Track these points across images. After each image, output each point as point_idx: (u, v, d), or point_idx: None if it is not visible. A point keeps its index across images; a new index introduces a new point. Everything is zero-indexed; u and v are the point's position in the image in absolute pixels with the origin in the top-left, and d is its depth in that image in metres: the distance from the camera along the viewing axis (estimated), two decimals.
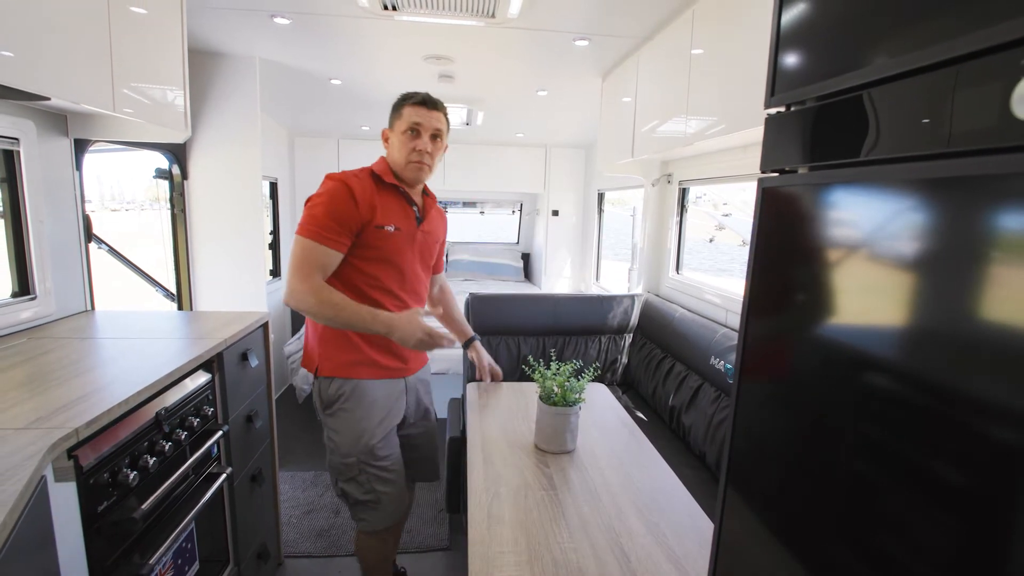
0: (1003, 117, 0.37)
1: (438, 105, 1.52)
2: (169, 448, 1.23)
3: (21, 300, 1.57)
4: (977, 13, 0.40)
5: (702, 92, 1.86)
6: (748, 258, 0.67)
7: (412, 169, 1.51)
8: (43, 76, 1.27)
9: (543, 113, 3.64)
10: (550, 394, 1.36)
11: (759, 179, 0.65)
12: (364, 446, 1.49)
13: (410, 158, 1.49)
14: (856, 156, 0.53)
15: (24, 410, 1.02)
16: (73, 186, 1.79)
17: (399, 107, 1.51)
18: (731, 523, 0.72)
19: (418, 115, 1.48)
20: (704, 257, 4.06)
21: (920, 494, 0.45)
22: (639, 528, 1.09)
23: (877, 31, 0.52)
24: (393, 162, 1.54)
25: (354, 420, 1.49)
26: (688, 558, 1.00)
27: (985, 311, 0.40)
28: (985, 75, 0.39)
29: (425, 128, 1.48)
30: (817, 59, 0.59)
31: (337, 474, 1.54)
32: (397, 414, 1.59)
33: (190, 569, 1.37)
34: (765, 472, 0.68)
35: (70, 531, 0.95)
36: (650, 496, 1.20)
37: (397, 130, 1.50)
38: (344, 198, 1.42)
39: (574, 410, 1.37)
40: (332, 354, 1.50)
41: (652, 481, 1.26)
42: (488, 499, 1.17)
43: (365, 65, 2.69)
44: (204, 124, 2.51)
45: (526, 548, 1.02)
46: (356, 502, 1.54)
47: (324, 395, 1.52)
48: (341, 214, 1.41)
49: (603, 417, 1.59)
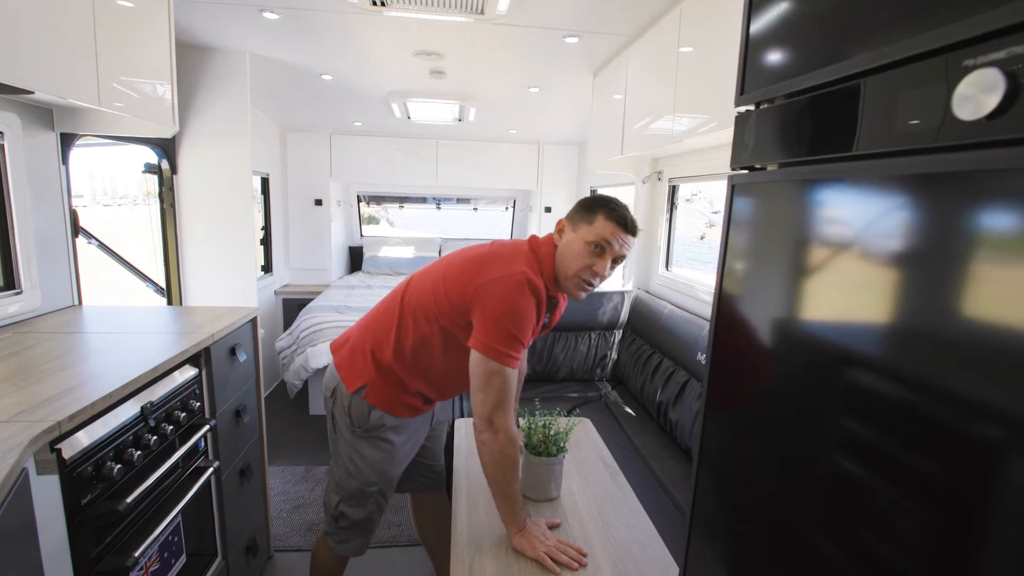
0: (948, 117, 0.38)
1: (635, 230, 1.30)
2: (155, 442, 1.24)
3: (6, 294, 1.56)
4: (925, 17, 0.42)
5: (690, 90, 1.88)
6: (719, 255, 0.68)
7: (576, 287, 1.30)
8: (26, 69, 1.26)
9: (535, 110, 3.65)
10: (536, 445, 1.38)
11: (729, 176, 0.66)
12: (390, 478, 1.45)
13: (582, 275, 1.28)
14: (823, 153, 0.54)
15: (7, 403, 1.02)
16: (59, 180, 1.79)
17: (594, 210, 1.29)
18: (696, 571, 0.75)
19: (613, 235, 1.26)
20: (697, 253, 4.12)
21: (898, 524, 0.46)
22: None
23: (841, 32, 0.53)
24: (560, 267, 1.31)
25: (390, 453, 1.43)
26: None
27: (953, 306, 0.41)
28: (930, 76, 0.40)
29: (613, 252, 1.27)
30: (784, 58, 0.60)
31: (344, 494, 1.44)
32: (420, 443, 1.56)
33: (177, 562, 1.37)
34: (730, 518, 0.70)
35: (53, 523, 0.95)
36: (625, 548, 1.21)
37: (581, 236, 1.28)
38: (533, 318, 1.24)
39: (559, 459, 1.38)
40: (384, 388, 1.39)
41: (628, 530, 1.28)
42: (471, 555, 1.18)
43: (356, 60, 2.69)
44: (193, 119, 2.50)
45: None
46: (352, 524, 1.45)
47: (363, 418, 1.40)
48: (529, 332, 1.24)
49: (587, 459, 1.60)
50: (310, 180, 4.45)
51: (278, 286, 4.30)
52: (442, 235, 5.69)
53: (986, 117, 0.35)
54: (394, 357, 1.36)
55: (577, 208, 1.33)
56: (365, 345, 1.41)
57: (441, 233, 5.87)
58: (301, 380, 3.06)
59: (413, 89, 3.18)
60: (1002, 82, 0.33)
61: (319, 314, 3.38)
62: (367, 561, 2.12)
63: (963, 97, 0.36)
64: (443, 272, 1.34)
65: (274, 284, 4.22)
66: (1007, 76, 0.33)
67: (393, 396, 1.39)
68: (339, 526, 1.46)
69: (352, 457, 1.42)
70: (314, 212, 4.50)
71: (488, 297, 1.22)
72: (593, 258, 1.27)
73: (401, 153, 4.62)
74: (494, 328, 1.20)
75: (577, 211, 1.32)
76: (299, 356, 3.09)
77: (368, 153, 4.56)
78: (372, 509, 1.46)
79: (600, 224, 1.26)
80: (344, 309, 3.56)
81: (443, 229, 6.14)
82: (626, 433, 2.27)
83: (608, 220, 1.26)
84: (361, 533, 1.48)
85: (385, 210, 6.79)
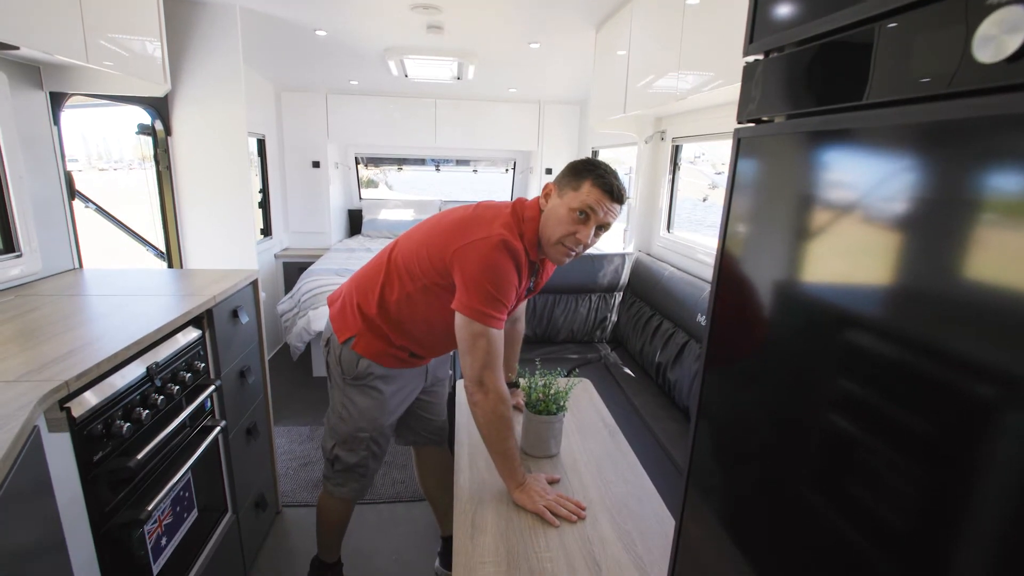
0: (965, 60, 0.36)
1: (622, 198, 1.29)
2: (162, 402, 1.26)
3: (7, 257, 1.56)
4: None
5: (696, 45, 1.82)
6: (722, 211, 0.67)
7: (559, 253, 1.31)
8: (10, 24, 1.22)
9: (536, 67, 3.55)
10: (535, 403, 1.39)
11: (735, 129, 0.65)
12: (379, 425, 1.50)
13: (565, 242, 1.28)
14: (833, 103, 0.52)
15: (14, 364, 1.03)
16: (52, 141, 1.76)
17: (581, 176, 1.27)
18: (691, 525, 0.76)
19: (599, 203, 1.25)
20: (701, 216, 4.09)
21: (886, 489, 0.47)
22: (610, 535, 1.13)
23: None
24: (544, 233, 1.31)
25: (379, 401, 1.48)
26: (654, 564, 1.05)
27: (961, 266, 0.40)
28: (950, 17, 0.39)
29: (598, 219, 1.27)
30: (796, 3, 0.58)
31: (338, 438, 1.52)
32: (414, 395, 1.60)
33: (189, 516, 1.42)
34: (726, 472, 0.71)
35: (67, 479, 0.98)
36: (623, 501, 1.24)
37: (566, 202, 1.26)
38: (514, 279, 1.25)
39: (558, 418, 1.40)
40: (371, 339, 1.44)
41: (626, 485, 1.30)
42: (472, 508, 1.21)
43: (350, 14, 2.60)
44: (185, 77, 2.44)
45: (506, 557, 1.06)
46: (346, 467, 1.53)
47: (351, 367, 1.46)
48: (511, 294, 1.25)
49: (586, 419, 1.62)
50: (307, 142, 4.37)
51: (278, 250, 4.28)
52: (441, 197, 5.63)
53: (1006, 60, 0.34)
54: (378, 311, 1.41)
55: (565, 172, 1.31)
56: (353, 299, 1.46)
57: (440, 195, 5.81)
58: (304, 343, 3.09)
59: (410, 45, 3.08)
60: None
61: (320, 277, 3.39)
62: (373, 516, 2.20)
63: (984, 38, 0.35)
64: (427, 233, 1.36)
65: (274, 248, 4.20)
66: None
67: (380, 347, 1.44)
68: (335, 470, 1.55)
69: (344, 403, 1.49)
70: (312, 174, 4.44)
71: (467, 260, 1.24)
72: (577, 225, 1.26)
73: (399, 113, 4.52)
74: (475, 290, 1.22)
75: (565, 176, 1.31)
76: (301, 319, 3.11)
77: (365, 113, 4.46)
78: (365, 455, 1.53)
79: (586, 191, 1.25)
80: (344, 272, 3.56)
81: (442, 191, 6.06)
82: (625, 393, 2.30)
83: (594, 187, 1.25)
84: (356, 478, 1.55)
85: (384, 173, 6.69)
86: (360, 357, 1.45)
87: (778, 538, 0.60)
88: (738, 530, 0.68)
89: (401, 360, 1.48)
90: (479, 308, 1.21)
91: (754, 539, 0.64)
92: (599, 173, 1.26)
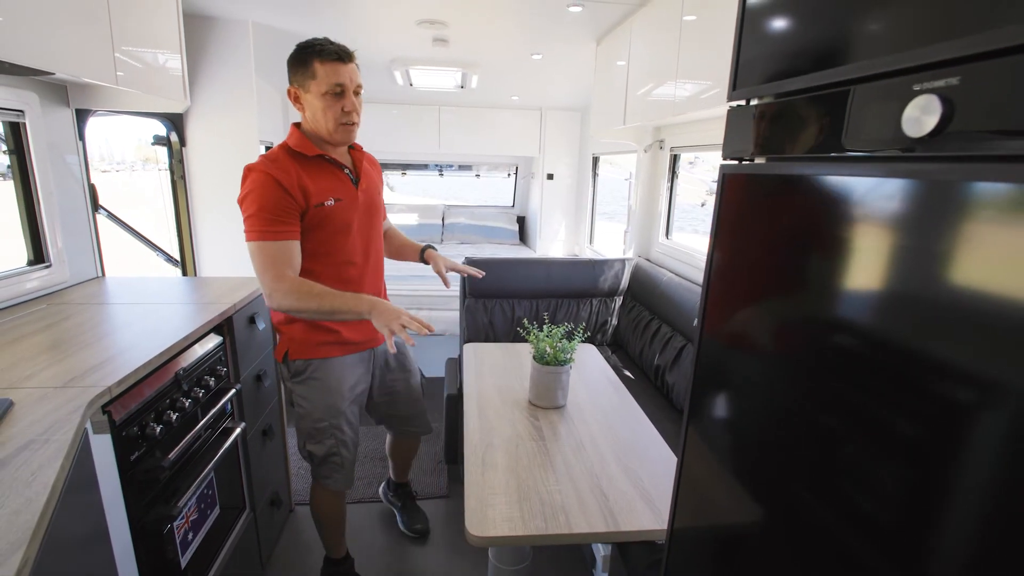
0: (896, 131, 0.45)
1: (353, 56, 1.38)
2: (188, 405, 1.34)
3: (37, 268, 1.65)
4: (895, 40, 0.48)
5: (693, 59, 1.90)
6: (709, 236, 0.75)
7: (343, 132, 1.40)
8: (44, 50, 1.30)
9: (538, 76, 3.63)
10: (543, 354, 1.47)
11: (720, 165, 0.73)
12: (335, 410, 1.59)
13: (340, 120, 1.37)
14: (803, 152, 0.60)
15: (58, 371, 1.11)
16: (77, 155, 1.84)
17: (307, 62, 1.35)
18: (691, 458, 0.84)
19: (337, 74, 1.33)
20: (696, 219, 4.19)
21: (864, 442, 0.55)
22: (618, 473, 1.21)
23: (823, 44, 0.59)
24: (316, 127, 1.40)
25: (325, 387, 1.56)
26: (660, 498, 1.13)
27: (901, 291, 0.49)
28: (890, 93, 0.47)
29: (348, 86, 1.36)
30: (774, 60, 0.66)
31: (305, 437, 1.61)
32: (365, 380, 1.68)
33: (212, 513, 1.50)
34: (722, 413, 0.79)
35: (109, 477, 1.06)
36: (630, 446, 1.32)
37: (314, 91, 1.36)
38: (273, 189, 1.34)
39: (565, 369, 1.47)
40: (301, 337, 1.53)
41: (632, 433, 1.38)
42: (482, 448, 1.29)
43: (358, 30, 2.68)
44: (200, 91, 2.52)
45: (516, 490, 1.14)
46: (321, 461, 1.62)
47: (292, 368, 1.57)
48: (276, 206, 1.35)
49: (592, 376, 1.70)
50: None
51: None
52: (445, 201, 5.72)
53: (928, 135, 0.42)
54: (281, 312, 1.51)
55: (291, 67, 1.40)
56: (274, 321, 1.62)
57: (444, 199, 5.89)
58: None
59: (416, 57, 3.17)
60: (939, 107, 0.40)
61: None
62: (362, 515, 2.27)
63: (910, 117, 0.43)
64: None
65: None
66: (943, 102, 0.40)
67: (306, 339, 1.53)
68: (314, 465, 1.65)
69: (298, 402, 1.60)
70: None
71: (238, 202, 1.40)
72: (339, 101, 1.35)
73: (403, 120, 4.60)
74: (244, 219, 1.37)
75: (293, 71, 1.39)
76: None
77: (370, 120, 4.53)
78: (331, 443, 1.61)
79: (321, 72, 1.34)
80: None
81: (446, 195, 6.14)
82: None
83: (324, 63, 1.33)
84: (334, 468, 1.64)
85: (387, 177, 6.77)
86: (295, 361, 1.56)
87: (767, 464, 0.67)
88: (734, 461, 0.75)
89: (329, 344, 1.56)
90: (248, 228, 1.36)
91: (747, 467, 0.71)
92: (318, 50, 1.35)
